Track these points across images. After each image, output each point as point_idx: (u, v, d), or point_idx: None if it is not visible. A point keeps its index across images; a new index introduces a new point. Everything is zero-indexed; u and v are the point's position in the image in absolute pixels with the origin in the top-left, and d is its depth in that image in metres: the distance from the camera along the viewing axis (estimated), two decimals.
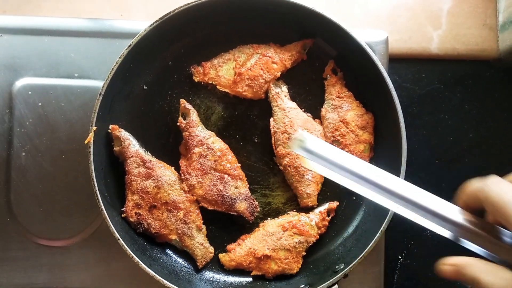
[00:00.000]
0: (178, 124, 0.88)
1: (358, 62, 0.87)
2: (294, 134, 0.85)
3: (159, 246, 0.88)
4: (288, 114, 0.89)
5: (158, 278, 0.78)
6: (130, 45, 0.81)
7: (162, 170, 0.86)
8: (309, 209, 0.91)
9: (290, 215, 0.90)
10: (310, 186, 0.89)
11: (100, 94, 0.80)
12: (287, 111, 0.89)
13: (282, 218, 0.90)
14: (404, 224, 0.70)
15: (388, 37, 0.97)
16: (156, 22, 0.82)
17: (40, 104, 0.91)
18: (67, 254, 0.91)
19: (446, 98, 1.05)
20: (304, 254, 0.88)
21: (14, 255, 0.91)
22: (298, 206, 0.91)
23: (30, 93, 0.91)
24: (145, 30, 0.81)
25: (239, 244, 0.88)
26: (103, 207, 0.79)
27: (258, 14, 0.88)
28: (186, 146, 0.87)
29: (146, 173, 0.85)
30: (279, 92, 0.91)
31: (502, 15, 1.03)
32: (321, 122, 0.92)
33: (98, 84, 0.92)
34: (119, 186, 0.87)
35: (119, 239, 0.78)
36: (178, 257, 0.89)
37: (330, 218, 0.91)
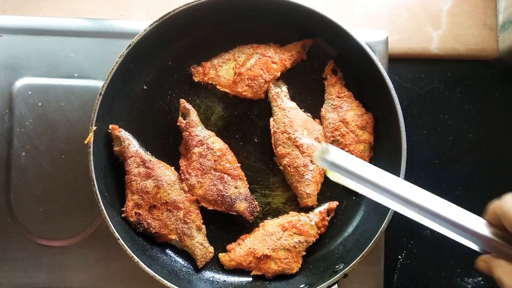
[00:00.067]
0: (178, 124, 0.88)
1: (358, 62, 0.87)
2: (317, 146, 0.86)
3: (159, 246, 0.88)
4: (288, 114, 0.89)
5: (158, 278, 0.79)
6: (130, 45, 0.81)
7: (162, 170, 0.86)
8: (309, 209, 0.91)
9: (290, 215, 0.90)
10: (310, 186, 0.89)
11: (100, 94, 0.80)
12: (287, 111, 0.89)
13: (282, 218, 0.90)
14: (404, 224, 0.70)
15: (388, 37, 0.97)
16: (156, 22, 0.82)
17: (40, 104, 0.91)
18: (67, 254, 0.91)
19: (446, 98, 1.04)
20: (304, 254, 0.88)
21: (14, 255, 0.91)
22: (298, 206, 0.91)
23: (30, 93, 0.91)
24: (145, 30, 0.81)
25: (239, 244, 0.88)
26: (103, 207, 0.79)
27: (258, 14, 0.88)
28: (186, 146, 0.87)
29: (146, 173, 0.85)
30: (279, 92, 0.91)
31: (502, 15, 1.03)
32: (321, 122, 0.92)
33: (98, 84, 0.92)
34: (119, 186, 0.87)
35: (119, 239, 0.79)
36: (178, 257, 0.89)
37: (330, 218, 0.91)
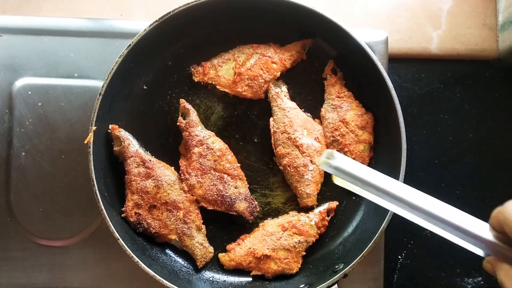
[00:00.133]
0: (178, 124, 0.88)
1: (358, 62, 0.87)
2: (322, 152, 0.85)
3: (159, 246, 0.88)
4: (287, 114, 0.89)
5: (158, 278, 0.78)
6: (130, 45, 0.81)
7: (161, 170, 0.86)
8: (308, 209, 0.91)
9: (290, 215, 0.90)
10: (309, 186, 0.89)
11: (99, 94, 0.80)
12: (287, 111, 0.89)
13: (282, 218, 0.90)
14: (404, 224, 0.70)
15: (388, 37, 0.97)
16: (156, 22, 0.82)
17: (39, 104, 0.91)
18: (67, 254, 0.91)
19: (446, 98, 1.04)
20: (303, 254, 0.88)
21: (14, 255, 0.91)
22: (297, 206, 0.91)
23: (30, 93, 0.91)
24: (144, 30, 0.81)
25: (239, 244, 0.88)
26: (103, 207, 0.79)
27: (258, 14, 0.88)
28: (185, 146, 0.87)
29: (146, 173, 0.85)
30: (279, 92, 0.91)
31: (502, 15, 1.03)
32: (320, 122, 0.92)
33: (98, 84, 0.92)
34: (119, 186, 0.87)
35: (119, 239, 0.79)
36: (178, 257, 0.89)
37: (329, 218, 0.91)
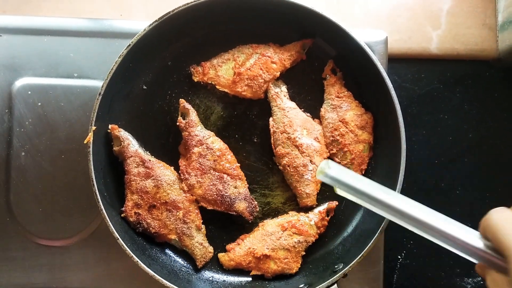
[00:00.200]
0: (178, 124, 0.88)
1: (358, 62, 0.87)
2: (319, 163, 0.86)
3: (159, 245, 0.88)
4: (287, 114, 0.89)
5: (158, 277, 0.79)
6: (130, 45, 0.81)
7: (161, 170, 0.86)
8: (308, 208, 0.91)
9: (290, 215, 0.90)
10: (309, 186, 0.89)
11: (99, 94, 0.80)
12: (287, 111, 0.89)
13: (282, 218, 0.90)
14: None
15: (387, 37, 0.97)
16: (155, 22, 0.82)
17: (39, 104, 0.91)
18: (67, 254, 0.91)
19: (446, 98, 1.04)
20: (303, 253, 0.88)
21: (14, 255, 0.91)
22: (297, 206, 0.91)
23: (29, 93, 0.91)
24: (144, 30, 0.82)
25: (239, 243, 0.88)
26: (103, 207, 0.79)
27: (258, 14, 0.88)
28: (185, 146, 0.87)
29: (146, 172, 0.85)
30: (279, 92, 0.91)
31: (502, 15, 1.03)
32: (320, 122, 0.92)
33: (98, 84, 0.92)
34: (119, 185, 0.87)
35: (119, 239, 0.79)
36: (178, 256, 0.89)
37: (329, 218, 0.91)
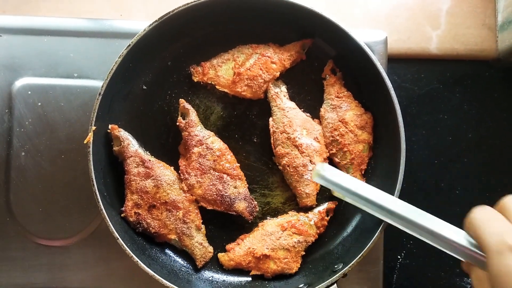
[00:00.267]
0: (178, 124, 0.88)
1: (357, 62, 0.87)
2: (315, 165, 0.88)
3: (158, 245, 0.88)
4: (287, 114, 0.89)
5: (157, 277, 0.79)
6: (130, 45, 0.81)
7: (161, 170, 0.86)
8: (308, 208, 0.91)
9: (289, 215, 0.90)
10: (309, 185, 0.89)
11: (99, 94, 0.80)
12: (286, 111, 0.89)
13: (281, 217, 0.90)
14: None
15: (387, 37, 0.97)
16: (155, 22, 0.82)
17: (39, 104, 0.91)
18: (67, 253, 0.91)
19: (445, 98, 1.04)
20: (303, 253, 0.88)
21: (14, 255, 0.91)
22: (297, 206, 0.91)
23: (29, 93, 0.91)
24: (144, 30, 0.82)
25: (238, 243, 0.89)
26: (103, 207, 0.79)
27: (258, 14, 0.88)
28: (185, 146, 0.87)
29: (146, 172, 0.85)
30: (278, 92, 0.91)
31: (501, 15, 1.03)
32: (320, 122, 0.92)
33: (98, 84, 0.92)
34: (119, 185, 0.87)
35: (119, 239, 0.79)
36: (178, 256, 0.89)
37: (329, 217, 0.91)
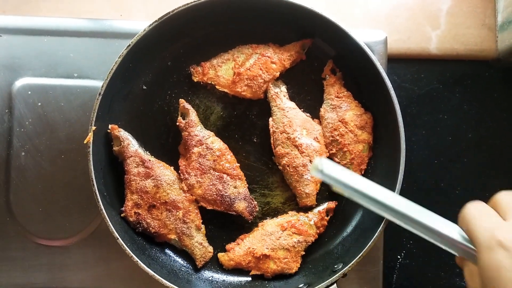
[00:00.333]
0: (177, 124, 0.88)
1: (357, 62, 0.87)
2: (313, 160, 0.88)
3: (158, 245, 0.88)
4: (287, 114, 0.89)
5: (157, 277, 0.79)
6: (130, 45, 0.81)
7: (161, 170, 0.86)
8: (308, 208, 0.91)
9: (289, 215, 0.90)
10: (309, 185, 0.89)
11: (99, 94, 0.80)
12: (286, 111, 0.89)
13: (281, 217, 0.90)
14: None
15: (387, 37, 0.97)
16: (155, 22, 0.82)
17: (39, 104, 0.91)
18: (67, 253, 0.91)
19: (445, 98, 1.04)
20: (303, 253, 0.88)
21: (14, 255, 0.91)
22: (297, 206, 0.91)
23: (29, 93, 0.92)
24: (144, 30, 0.82)
25: (238, 243, 0.89)
26: (103, 207, 0.79)
27: (258, 14, 0.88)
28: (185, 145, 0.87)
29: (145, 172, 0.85)
30: (278, 92, 0.91)
31: (501, 15, 1.03)
32: (320, 122, 0.92)
33: (98, 84, 0.92)
34: (119, 185, 0.87)
35: (118, 239, 0.79)
36: (177, 256, 0.89)
37: (329, 217, 0.91)
